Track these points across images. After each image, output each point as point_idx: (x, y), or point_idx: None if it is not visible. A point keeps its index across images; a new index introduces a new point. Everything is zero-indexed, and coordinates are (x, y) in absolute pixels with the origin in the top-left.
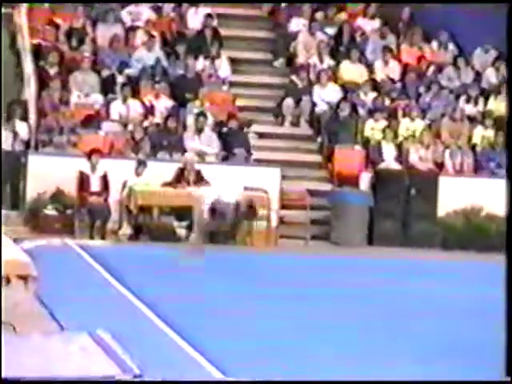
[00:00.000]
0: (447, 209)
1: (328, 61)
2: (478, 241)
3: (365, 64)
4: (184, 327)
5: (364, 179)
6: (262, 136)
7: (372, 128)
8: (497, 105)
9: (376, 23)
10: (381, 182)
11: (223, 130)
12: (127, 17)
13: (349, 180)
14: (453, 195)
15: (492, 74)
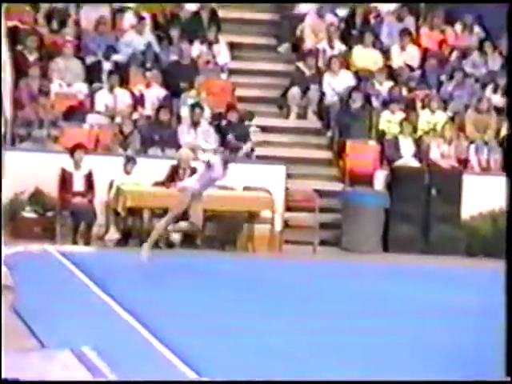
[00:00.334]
0: (472, 211)
1: (339, 46)
2: None
3: (380, 49)
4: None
5: (379, 178)
6: (265, 130)
7: (388, 121)
8: None
9: (392, 4)
10: (398, 181)
11: (222, 123)
12: None
13: (362, 179)
14: (478, 195)
15: None
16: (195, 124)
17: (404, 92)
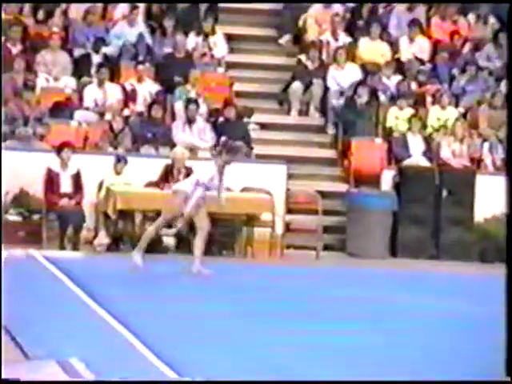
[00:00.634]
0: (486, 213)
1: (344, 38)
2: None
3: (387, 41)
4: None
5: (386, 178)
6: (265, 127)
7: (396, 117)
8: None
9: None
10: (406, 182)
11: (218, 120)
12: None
13: (368, 179)
14: (492, 197)
15: None
16: (190, 121)
17: (413, 86)
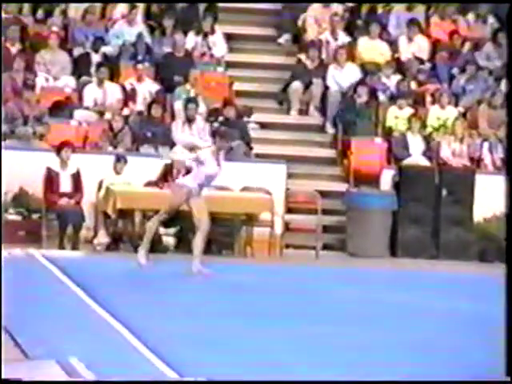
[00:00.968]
0: (485, 213)
1: (343, 37)
2: None
3: (387, 41)
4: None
5: (386, 177)
6: (265, 126)
7: (395, 117)
8: None
9: None
10: (406, 181)
11: (218, 120)
12: None
13: (367, 178)
14: (492, 196)
15: None
16: (190, 120)
17: (413, 86)
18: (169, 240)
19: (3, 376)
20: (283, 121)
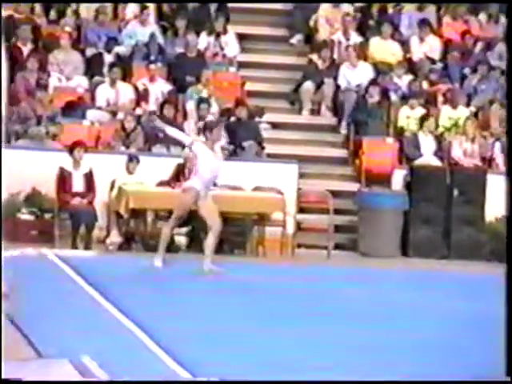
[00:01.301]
0: (497, 213)
1: (355, 37)
2: None
3: (398, 41)
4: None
5: (397, 177)
6: (276, 126)
7: (407, 117)
8: None
9: None
10: (417, 181)
11: (230, 120)
12: None
13: (379, 178)
14: (504, 197)
15: None
16: (202, 120)
17: (424, 86)
18: (181, 239)
19: (15, 375)
20: (295, 121)
